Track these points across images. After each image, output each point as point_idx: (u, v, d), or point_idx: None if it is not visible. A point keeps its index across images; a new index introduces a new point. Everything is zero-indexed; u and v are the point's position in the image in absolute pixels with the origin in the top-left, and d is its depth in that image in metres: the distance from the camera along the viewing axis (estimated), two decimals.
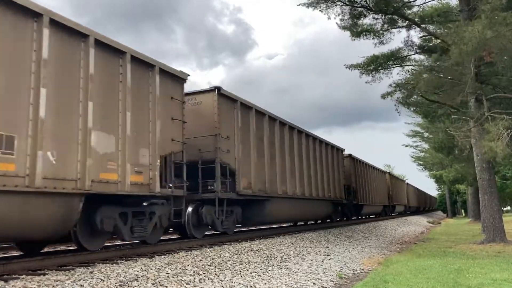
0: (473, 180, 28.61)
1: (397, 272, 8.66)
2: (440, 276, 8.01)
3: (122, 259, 7.41)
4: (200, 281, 6.65)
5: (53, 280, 5.50)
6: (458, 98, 13.77)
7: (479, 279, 7.63)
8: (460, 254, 11.91)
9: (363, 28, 17.39)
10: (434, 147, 33.54)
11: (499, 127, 11.66)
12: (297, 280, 7.67)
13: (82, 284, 5.46)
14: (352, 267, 9.71)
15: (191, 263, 7.48)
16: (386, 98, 17.55)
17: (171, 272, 6.74)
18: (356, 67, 17.91)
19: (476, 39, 11.03)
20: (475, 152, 14.89)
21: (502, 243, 13.75)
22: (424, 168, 58.41)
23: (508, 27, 10.95)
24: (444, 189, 71.82)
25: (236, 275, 7.44)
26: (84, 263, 6.87)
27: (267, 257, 9.46)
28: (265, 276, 7.73)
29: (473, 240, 16.12)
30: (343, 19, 16.57)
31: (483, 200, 14.86)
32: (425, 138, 47.34)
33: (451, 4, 17.72)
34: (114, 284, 5.71)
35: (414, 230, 26.43)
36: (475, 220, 33.91)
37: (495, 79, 15.33)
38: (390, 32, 17.62)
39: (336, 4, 15.98)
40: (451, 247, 14.06)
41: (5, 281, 5.28)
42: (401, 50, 18.00)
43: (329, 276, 8.40)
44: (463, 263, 9.82)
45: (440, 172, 46.41)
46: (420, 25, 17.25)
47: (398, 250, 14.27)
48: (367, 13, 16.30)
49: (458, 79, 14.12)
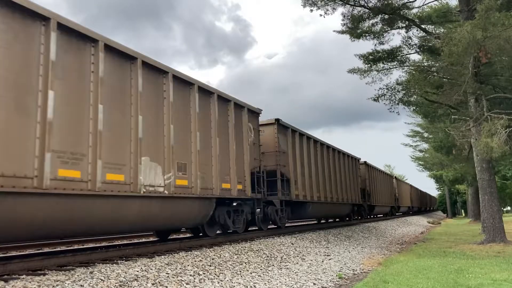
0: (473, 180, 28.65)
1: (397, 272, 8.67)
2: (440, 276, 8.02)
3: (122, 259, 7.41)
4: (200, 281, 6.66)
5: (53, 280, 5.50)
6: (454, 97, 13.80)
7: (479, 279, 7.63)
8: (460, 254, 11.92)
9: (363, 30, 17.43)
10: (434, 147, 33.59)
11: (497, 126, 11.68)
12: (297, 280, 7.68)
13: (82, 284, 5.45)
14: (352, 267, 9.72)
15: (191, 263, 7.48)
16: (377, 101, 17.69)
17: (171, 272, 6.74)
18: (356, 72, 18.02)
19: (466, 39, 11.06)
20: (475, 152, 14.89)
21: (502, 243, 13.75)
22: (424, 168, 58.46)
23: (503, 28, 10.96)
24: (444, 189, 71.82)
25: (236, 275, 7.44)
26: (84, 263, 6.88)
27: (267, 257, 9.47)
28: (265, 276, 7.74)
29: (473, 240, 16.12)
30: (344, 22, 16.63)
31: (483, 200, 14.86)
32: (425, 138, 47.43)
33: (450, 5, 17.75)
34: (114, 284, 5.71)
35: (414, 230, 26.43)
36: (475, 220, 33.92)
37: (495, 79, 15.35)
38: (389, 33, 17.65)
39: (335, 4, 15.99)
40: (451, 247, 14.07)
41: (5, 281, 5.28)
42: (401, 49, 18.03)
43: (329, 276, 8.40)
44: (463, 263, 9.82)
45: (440, 172, 46.45)
46: (420, 25, 17.27)
47: (398, 250, 14.28)
48: (368, 15, 16.32)
49: (457, 79, 14.14)
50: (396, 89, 17.38)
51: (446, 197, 70.10)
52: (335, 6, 16.11)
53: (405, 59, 18.27)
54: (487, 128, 11.83)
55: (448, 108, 16.63)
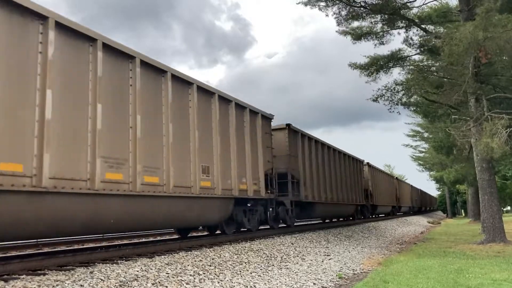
0: (473, 180, 28.62)
1: (397, 272, 8.67)
2: (440, 276, 8.01)
3: (122, 259, 7.41)
4: (200, 281, 6.66)
5: (53, 280, 5.50)
6: (454, 97, 13.80)
7: (479, 279, 7.63)
8: (460, 254, 11.91)
9: (363, 31, 17.42)
10: (434, 148, 33.56)
11: (497, 126, 11.67)
12: (297, 280, 7.68)
13: (82, 284, 5.45)
14: (352, 267, 9.71)
15: (191, 263, 7.48)
16: (377, 101, 17.67)
17: (171, 272, 6.74)
18: (358, 67, 17.95)
19: (467, 39, 11.06)
20: (475, 152, 14.89)
21: (502, 243, 13.74)
22: (424, 168, 58.43)
23: (504, 29, 10.96)
24: (444, 189, 71.81)
25: (236, 275, 7.44)
26: (84, 263, 6.88)
27: (267, 257, 9.46)
28: (265, 276, 7.74)
29: (473, 240, 16.12)
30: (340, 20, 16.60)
31: (483, 200, 14.85)
32: (425, 138, 47.40)
33: (451, 5, 17.75)
34: (114, 284, 5.71)
35: (414, 230, 26.43)
36: (475, 220, 33.89)
37: (495, 79, 15.35)
38: (389, 33, 17.65)
39: (335, 3, 15.99)
40: (451, 247, 14.06)
41: (5, 281, 5.28)
42: (401, 51, 18.03)
43: (329, 276, 8.40)
44: (463, 263, 9.82)
45: (440, 173, 46.44)
46: (420, 25, 17.26)
47: (398, 250, 14.28)
48: (366, 15, 16.31)
49: (457, 79, 14.14)
50: (395, 90, 17.37)
51: (446, 197, 70.10)
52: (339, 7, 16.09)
53: (405, 57, 18.25)
54: (488, 128, 11.83)
55: (448, 108, 16.62)
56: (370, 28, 17.40)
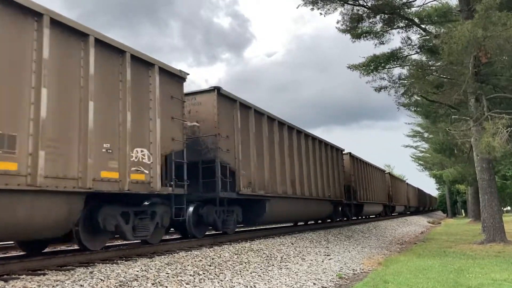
0: (473, 180, 28.59)
1: (397, 272, 8.66)
2: (440, 276, 8.01)
3: (122, 259, 7.41)
4: (200, 281, 6.65)
5: (53, 280, 5.50)
6: (454, 97, 13.80)
7: (479, 279, 7.62)
8: (460, 254, 11.91)
9: (363, 30, 17.40)
10: (434, 148, 33.55)
11: (498, 126, 11.67)
12: (297, 280, 7.67)
13: (82, 284, 5.45)
14: (352, 267, 9.71)
15: (191, 263, 7.47)
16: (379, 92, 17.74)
17: (171, 272, 6.74)
18: (357, 68, 17.93)
19: (466, 38, 11.03)
20: (475, 152, 14.89)
21: (502, 243, 13.74)
22: (424, 168, 58.42)
23: (503, 27, 10.94)
24: (444, 189, 71.77)
25: (236, 275, 7.44)
26: (84, 263, 6.87)
27: (267, 257, 9.46)
28: (265, 276, 7.73)
29: (473, 240, 16.11)
30: (343, 22, 16.61)
31: (483, 200, 14.85)
32: (425, 138, 47.40)
33: (451, 4, 17.72)
34: (114, 284, 5.70)
35: (414, 230, 26.42)
36: (475, 220, 33.87)
37: (495, 79, 15.33)
38: (389, 33, 17.64)
39: (334, 3, 15.97)
40: (451, 247, 14.05)
41: (5, 281, 5.28)
42: (401, 50, 18.01)
43: (329, 276, 8.39)
44: (463, 263, 9.82)
45: (440, 172, 46.44)
46: (420, 25, 17.25)
47: (398, 250, 14.27)
48: (367, 15, 16.30)
49: (457, 78, 14.13)
50: (398, 84, 17.45)
51: (446, 197, 70.06)
52: (336, 7, 16.09)
53: (405, 57, 18.24)
54: (489, 127, 11.82)
55: (449, 108, 16.62)
56: (370, 28, 17.39)
